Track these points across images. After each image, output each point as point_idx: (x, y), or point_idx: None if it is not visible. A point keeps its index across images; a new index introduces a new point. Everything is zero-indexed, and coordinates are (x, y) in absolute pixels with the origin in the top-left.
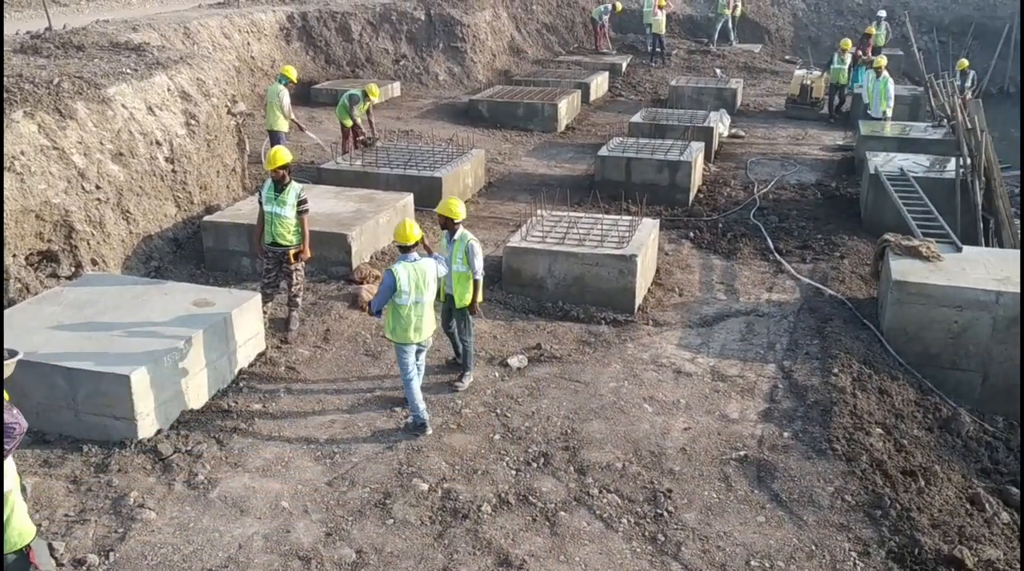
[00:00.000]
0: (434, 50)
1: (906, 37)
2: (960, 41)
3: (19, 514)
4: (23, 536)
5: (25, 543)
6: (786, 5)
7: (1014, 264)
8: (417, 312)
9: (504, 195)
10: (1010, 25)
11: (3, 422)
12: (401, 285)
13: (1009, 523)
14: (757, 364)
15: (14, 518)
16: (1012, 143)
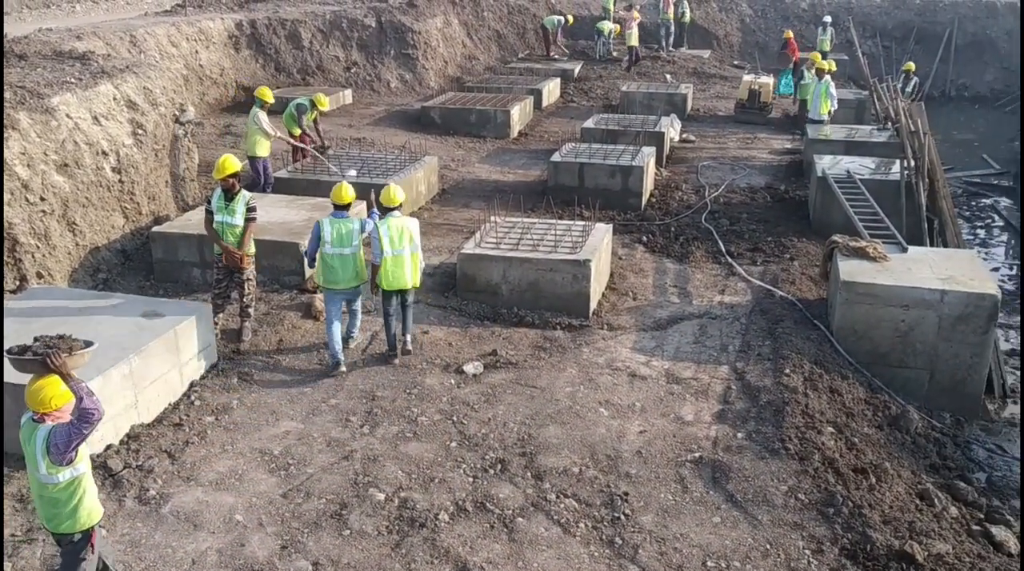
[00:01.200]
0: (385, 57)
1: (851, 42)
2: (903, 46)
3: (91, 495)
4: (91, 517)
5: (93, 524)
6: (734, 11)
7: (958, 263)
8: (338, 262)
9: (458, 202)
10: (950, 30)
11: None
12: (324, 235)
13: (958, 517)
14: (711, 366)
15: (86, 499)
16: (954, 145)
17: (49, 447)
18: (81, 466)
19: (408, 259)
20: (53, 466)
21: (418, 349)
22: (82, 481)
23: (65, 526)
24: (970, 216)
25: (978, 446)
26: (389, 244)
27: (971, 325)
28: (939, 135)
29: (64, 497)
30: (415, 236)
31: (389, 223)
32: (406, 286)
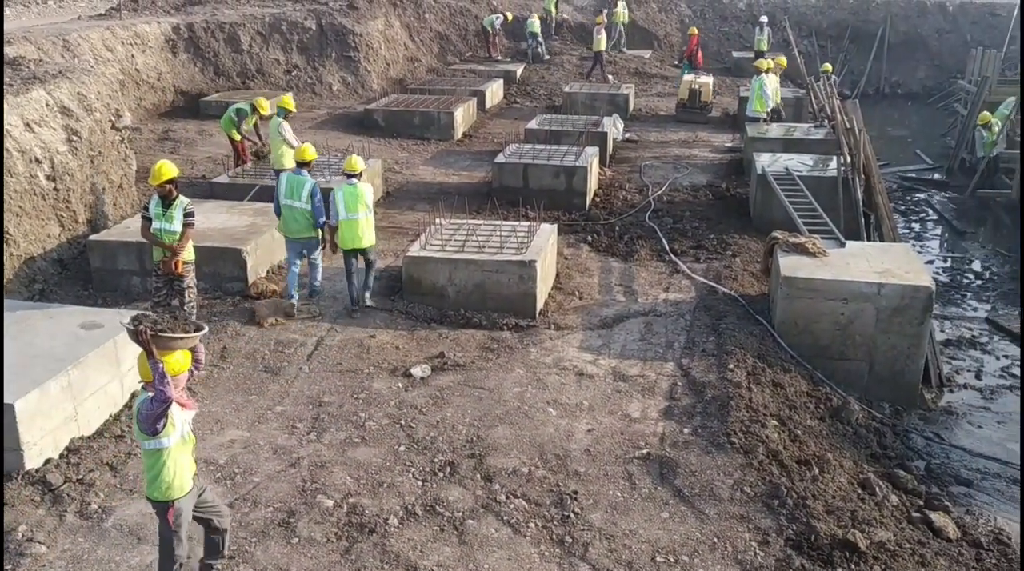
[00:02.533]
0: (327, 60)
1: (787, 41)
2: (838, 44)
3: (171, 472)
4: (167, 492)
5: (169, 498)
6: (673, 12)
7: (893, 256)
8: (287, 213)
9: (402, 204)
10: (883, 28)
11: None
12: (281, 189)
13: (898, 505)
14: (657, 363)
15: (164, 472)
16: (888, 141)
17: (138, 415)
18: (165, 441)
19: (362, 222)
20: (141, 434)
21: (364, 353)
22: (163, 455)
23: (148, 491)
24: (905, 210)
25: (916, 435)
26: (344, 209)
27: (907, 316)
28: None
29: (148, 464)
30: (368, 201)
31: (345, 189)
32: (362, 245)
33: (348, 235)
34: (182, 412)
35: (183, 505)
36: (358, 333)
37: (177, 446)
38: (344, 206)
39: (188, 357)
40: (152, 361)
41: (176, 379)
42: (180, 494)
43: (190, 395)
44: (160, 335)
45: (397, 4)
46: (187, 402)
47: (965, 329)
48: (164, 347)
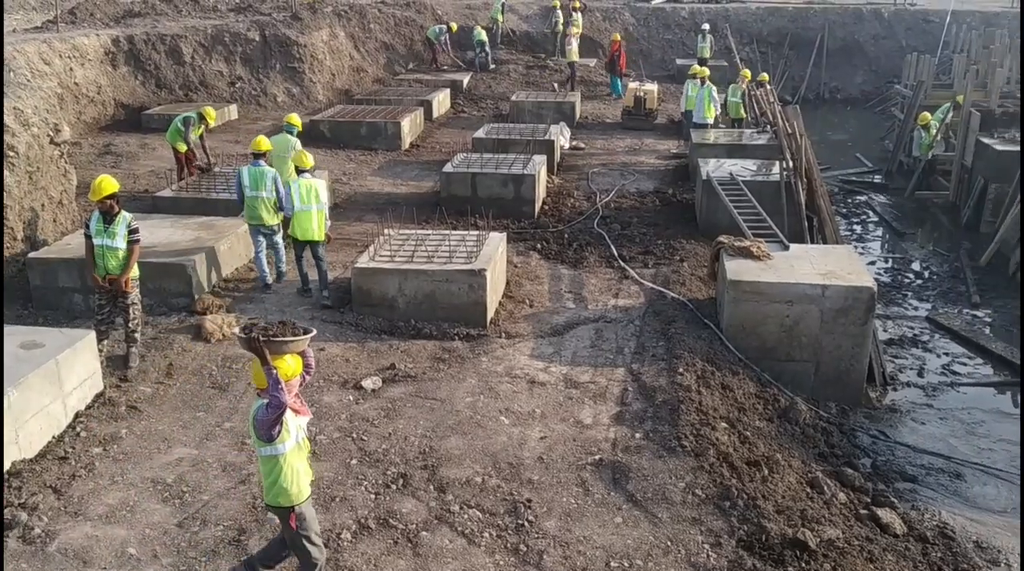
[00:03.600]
0: (271, 71)
1: (729, 49)
2: (778, 51)
3: (288, 478)
4: (287, 498)
5: (288, 504)
6: (617, 20)
7: (836, 258)
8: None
9: (350, 216)
10: (821, 35)
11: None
12: (244, 181)
13: (846, 503)
14: (607, 369)
15: (282, 478)
16: (829, 146)
17: (255, 421)
18: (281, 447)
19: (315, 214)
20: (258, 440)
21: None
22: (279, 461)
23: (268, 497)
24: (847, 213)
25: (862, 433)
26: (299, 201)
27: (851, 317)
28: (815, 136)
29: (265, 470)
30: (322, 195)
31: (300, 182)
32: (314, 237)
33: (301, 227)
34: (296, 417)
35: (305, 509)
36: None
37: (293, 452)
38: (299, 199)
39: (299, 362)
40: (267, 367)
41: (289, 384)
42: (300, 499)
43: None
44: (273, 340)
45: (342, 15)
46: (301, 408)
47: (907, 328)
48: (276, 352)
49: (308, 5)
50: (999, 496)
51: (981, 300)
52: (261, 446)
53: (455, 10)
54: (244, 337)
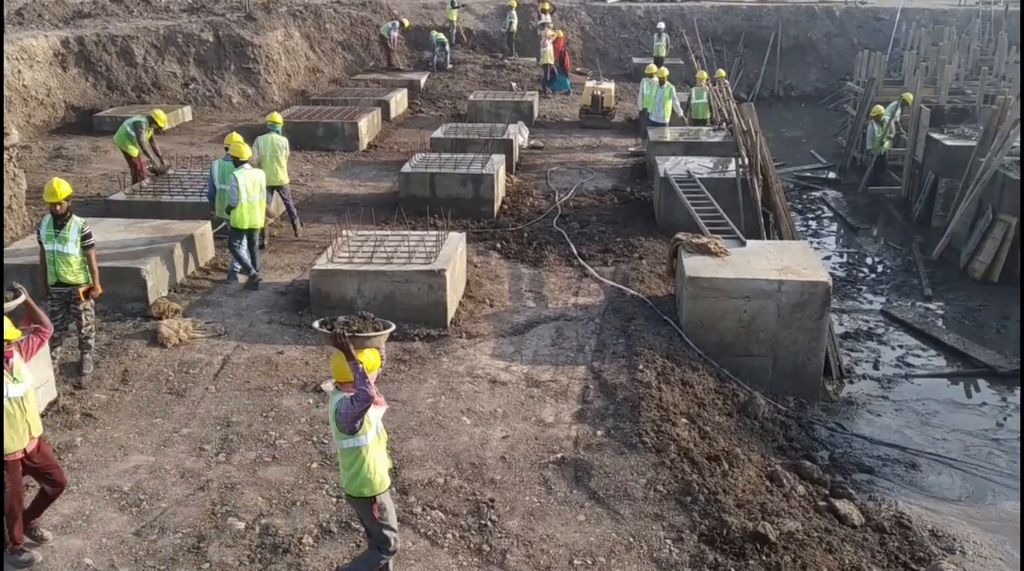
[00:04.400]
0: (225, 72)
1: (685, 47)
2: (733, 49)
3: (370, 468)
4: (368, 488)
5: (371, 494)
6: (573, 19)
7: (792, 254)
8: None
9: (308, 217)
10: (775, 33)
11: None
12: (214, 174)
13: (805, 495)
14: (568, 367)
15: (363, 469)
16: (784, 142)
17: (337, 415)
18: (363, 439)
19: (258, 205)
20: (340, 433)
21: (273, 370)
22: (362, 452)
23: (349, 488)
24: (802, 208)
25: (820, 426)
26: (244, 192)
27: (807, 312)
28: (770, 133)
29: (347, 462)
30: (263, 185)
31: (244, 174)
32: (258, 226)
33: (248, 216)
34: (375, 409)
35: (385, 499)
36: (266, 350)
37: (374, 442)
38: (245, 191)
39: (377, 355)
40: (352, 362)
41: (370, 376)
42: (381, 489)
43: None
44: (358, 335)
45: (297, 15)
46: (378, 399)
47: (862, 321)
48: (360, 346)
49: (262, 5)
50: (953, 485)
51: (933, 293)
52: (343, 438)
53: (411, 10)
54: (329, 333)
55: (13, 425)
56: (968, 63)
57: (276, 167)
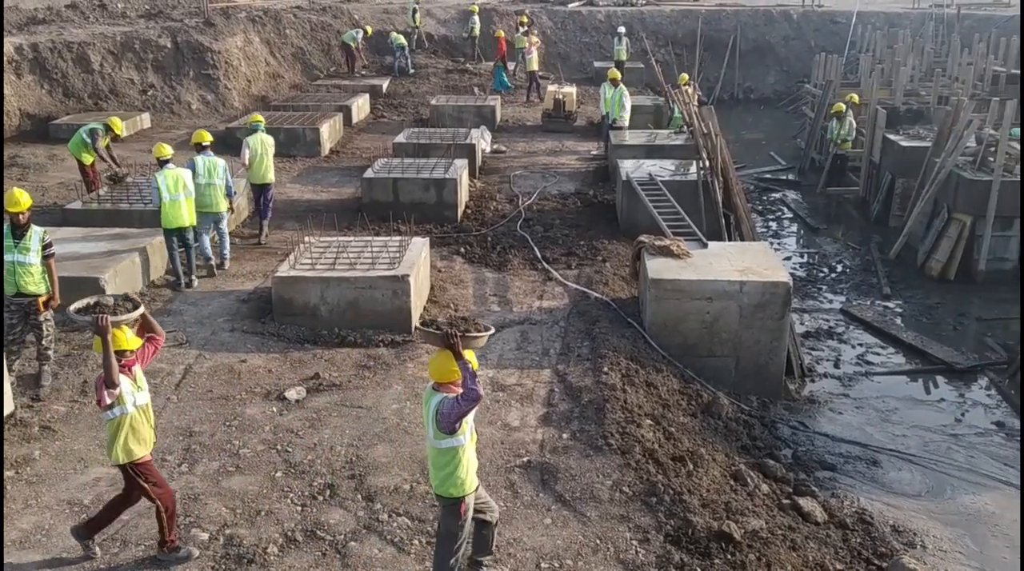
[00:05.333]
0: (184, 78)
1: (645, 51)
2: (693, 53)
3: (465, 468)
4: (462, 487)
5: (463, 494)
6: (535, 24)
7: (753, 255)
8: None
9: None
10: (734, 37)
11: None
12: (199, 169)
13: (769, 493)
14: (534, 371)
15: (459, 469)
16: (744, 144)
17: (438, 415)
18: (462, 438)
19: (183, 203)
20: (439, 433)
21: (236, 378)
22: (459, 453)
23: (441, 488)
24: (762, 210)
25: (783, 424)
26: (168, 191)
27: (768, 312)
28: (731, 136)
29: (442, 462)
30: (188, 183)
31: (166, 174)
32: (184, 225)
33: (172, 215)
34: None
35: (471, 500)
36: (228, 358)
37: (469, 442)
38: (167, 189)
39: (473, 356)
40: (462, 361)
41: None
42: (471, 489)
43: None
44: (467, 335)
45: (256, 20)
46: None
47: (823, 320)
48: (467, 346)
49: (221, 10)
50: (914, 481)
51: (892, 292)
52: (441, 438)
53: (372, 14)
54: (439, 333)
55: (140, 432)
56: (922, 65)
57: (267, 165)
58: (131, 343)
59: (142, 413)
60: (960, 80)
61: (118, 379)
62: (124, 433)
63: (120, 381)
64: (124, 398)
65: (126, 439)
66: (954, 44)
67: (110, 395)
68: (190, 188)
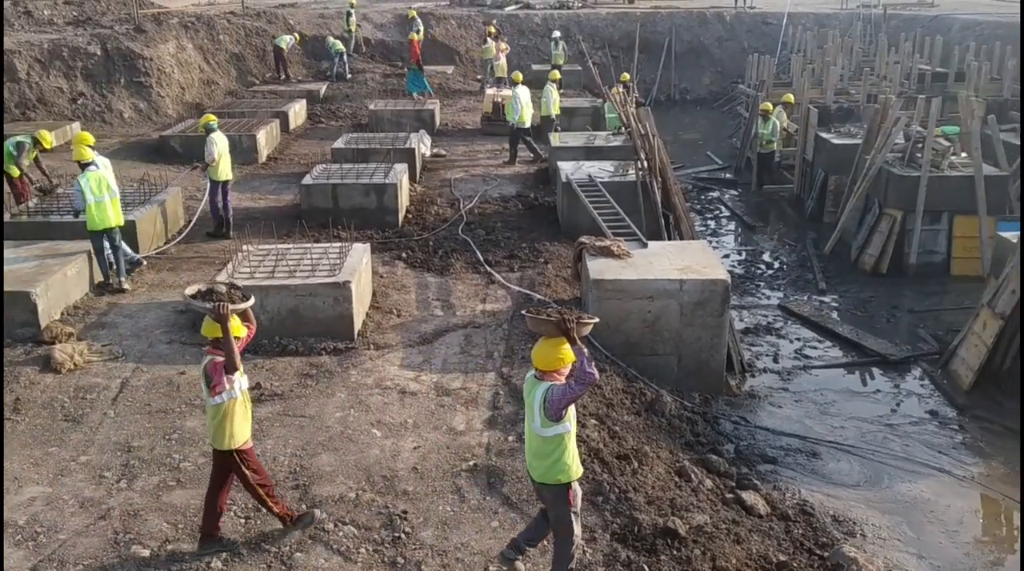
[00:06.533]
0: (116, 86)
1: (583, 53)
2: (629, 55)
3: (571, 454)
4: (569, 473)
5: (571, 479)
6: (472, 27)
7: (692, 253)
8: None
9: (206, 233)
10: (669, 38)
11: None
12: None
13: (713, 488)
14: (478, 374)
15: (566, 455)
16: (681, 145)
17: (546, 402)
18: (568, 425)
19: (108, 203)
20: (547, 421)
21: (175, 391)
22: (565, 439)
23: (546, 476)
24: (701, 209)
25: (725, 420)
26: (92, 193)
27: (708, 309)
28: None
29: (548, 450)
30: (112, 184)
31: (89, 176)
32: (111, 225)
33: (100, 216)
34: None
35: (578, 487)
36: (166, 370)
37: (574, 428)
38: (91, 192)
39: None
40: (576, 346)
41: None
42: (578, 475)
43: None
44: (582, 321)
45: (188, 26)
46: None
47: (761, 316)
48: (580, 333)
49: (152, 17)
50: (852, 471)
51: (827, 286)
52: (548, 426)
53: (308, 19)
54: (553, 319)
55: (243, 416)
56: (851, 64)
57: (230, 163)
58: (240, 330)
59: (245, 397)
60: (888, 79)
61: (240, 363)
62: (229, 418)
63: (240, 365)
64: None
65: (232, 424)
66: (881, 43)
67: (229, 380)
68: (114, 188)
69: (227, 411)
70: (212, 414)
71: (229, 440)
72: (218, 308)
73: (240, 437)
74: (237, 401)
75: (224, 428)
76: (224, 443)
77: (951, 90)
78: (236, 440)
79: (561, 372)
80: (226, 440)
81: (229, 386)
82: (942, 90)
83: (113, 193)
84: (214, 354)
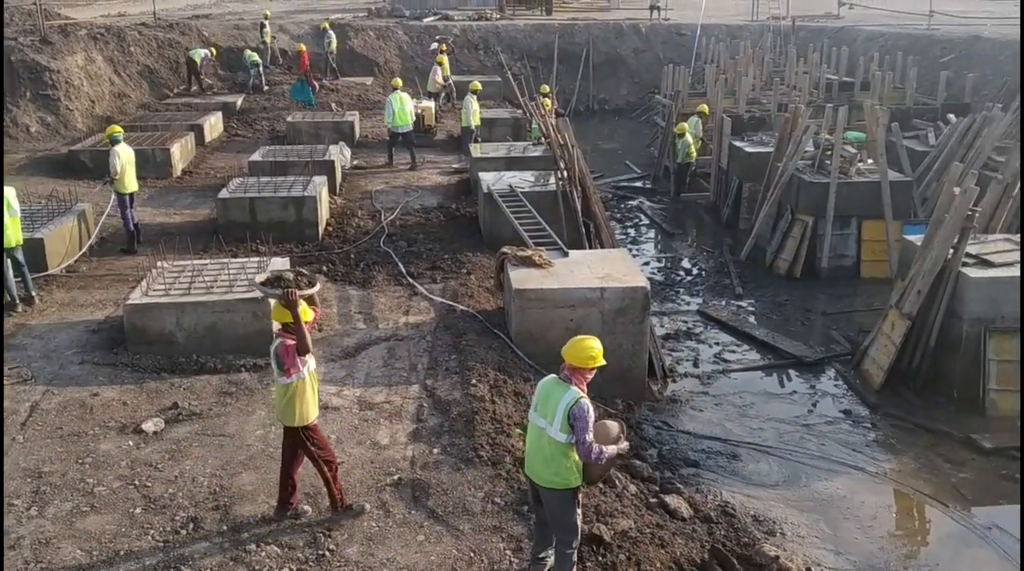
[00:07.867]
0: (20, 99)
1: (501, 64)
2: (548, 66)
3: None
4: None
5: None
6: (391, 38)
7: (612, 262)
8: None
9: (120, 249)
10: (587, 50)
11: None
12: None
13: (637, 493)
14: (402, 387)
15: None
16: (600, 154)
17: (572, 418)
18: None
19: (8, 223)
20: (567, 427)
21: (88, 413)
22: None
23: (554, 481)
24: (620, 217)
25: (648, 425)
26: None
27: (629, 316)
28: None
29: (560, 456)
30: (13, 202)
31: None
32: (12, 245)
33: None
34: None
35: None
36: (79, 392)
37: None
38: None
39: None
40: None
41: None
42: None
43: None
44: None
45: (98, 38)
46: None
47: (681, 322)
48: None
49: (59, 28)
50: (771, 471)
51: (744, 291)
52: (568, 432)
53: (223, 31)
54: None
55: (312, 395)
56: (762, 74)
57: (134, 175)
58: (308, 314)
59: (312, 378)
60: (797, 88)
61: (311, 345)
62: (299, 397)
63: (311, 347)
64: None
65: (302, 402)
66: (791, 54)
67: (302, 361)
68: (15, 208)
69: (296, 390)
70: (282, 393)
71: (299, 418)
72: (288, 294)
73: (308, 415)
74: (306, 381)
75: (294, 406)
76: (294, 420)
77: (857, 99)
78: (305, 418)
79: (587, 375)
80: (296, 417)
81: (301, 367)
82: (848, 99)
83: (14, 212)
84: (284, 337)
